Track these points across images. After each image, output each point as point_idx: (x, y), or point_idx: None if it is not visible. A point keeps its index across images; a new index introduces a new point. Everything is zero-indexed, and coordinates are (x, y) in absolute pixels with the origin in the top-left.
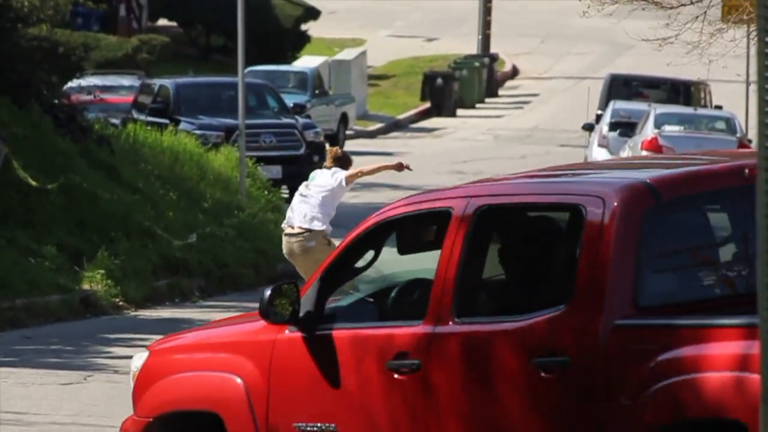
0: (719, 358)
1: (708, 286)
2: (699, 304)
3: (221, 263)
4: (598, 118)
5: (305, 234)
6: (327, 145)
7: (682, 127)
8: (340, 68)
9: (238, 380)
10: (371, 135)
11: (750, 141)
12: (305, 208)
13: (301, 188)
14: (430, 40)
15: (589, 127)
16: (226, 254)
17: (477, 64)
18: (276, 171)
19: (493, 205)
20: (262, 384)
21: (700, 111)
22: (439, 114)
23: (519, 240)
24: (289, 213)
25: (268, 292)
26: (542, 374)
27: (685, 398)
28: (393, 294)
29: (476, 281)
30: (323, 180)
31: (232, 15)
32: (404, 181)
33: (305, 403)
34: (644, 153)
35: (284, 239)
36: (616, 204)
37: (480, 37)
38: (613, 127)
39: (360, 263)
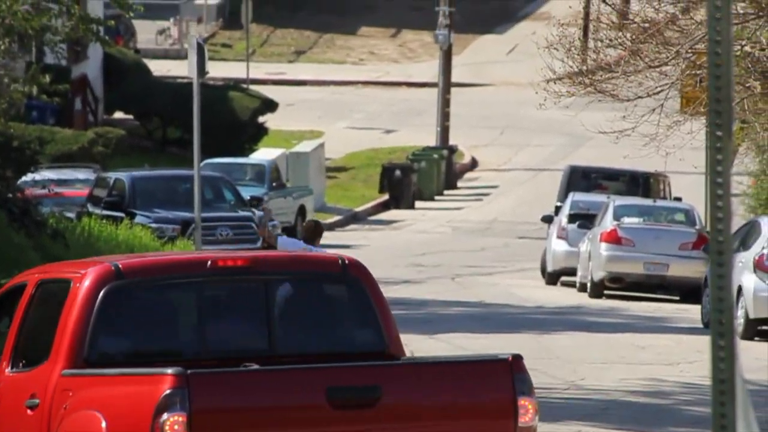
0: (101, 399)
1: (158, 348)
2: (143, 361)
3: None
4: (558, 209)
5: None
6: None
7: (642, 219)
8: (297, 160)
9: None
10: (329, 227)
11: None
12: None
13: None
14: (388, 132)
15: (548, 219)
16: None
17: (436, 155)
18: None
19: (44, 279)
20: None
21: (660, 203)
22: (397, 206)
23: (48, 307)
24: None
25: None
26: (29, 412)
27: None
28: None
29: (28, 339)
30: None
31: (188, 107)
32: None
33: None
34: (603, 245)
35: None
36: (86, 280)
37: (439, 128)
38: (572, 219)
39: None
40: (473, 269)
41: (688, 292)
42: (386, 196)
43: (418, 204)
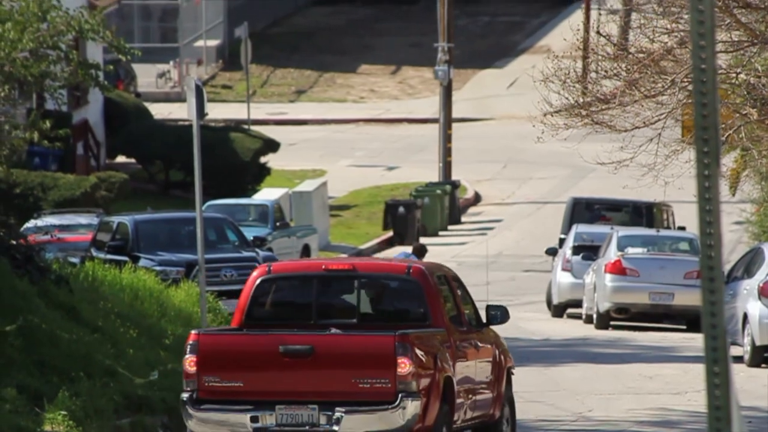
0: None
1: (295, 317)
2: (289, 321)
3: None
4: (562, 242)
5: None
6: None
7: (646, 249)
8: (301, 200)
9: None
10: None
11: None
12: None
13: None
14: (390, 168)
15: (552, 252)
16: None
17: (439, 191)
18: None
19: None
20: None
21: (663, 232)
22: (401, 243)
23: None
24: None
25: None
26: None
27: None
28: None
29: None
30: None
31: (189, 150)
32: None
33: None
34: (608, 276)
35: None
36: (255, 273)
37: (441, 164)
38: (576, 250)
39: None
40: (479, 303)
41: (694, 320)
42: (390, 233)
43: (422, 240)
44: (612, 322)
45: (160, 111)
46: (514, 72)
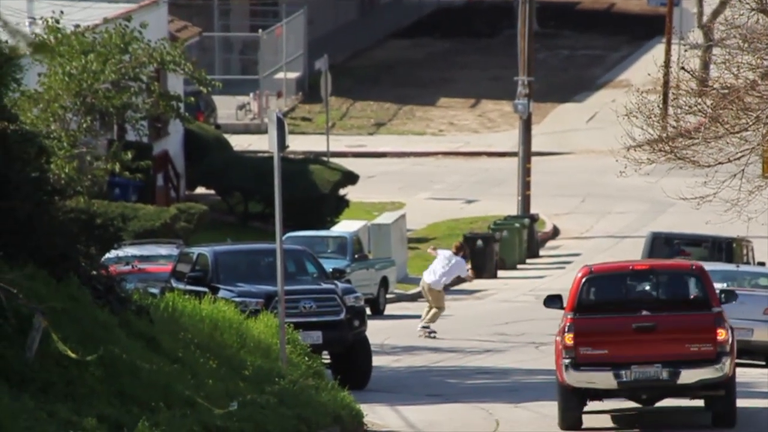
0: None
1: (612, 303)
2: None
3: (263, 431)
4: None
5: (435, 286)
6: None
7: (725, 284)
8: (379, 232)
9: None
10: (412, 298)
11: None
12: (440, 272)
13: (443, 260)
14: (469, 201)
15: None
16: (267, 422)
17: (517, 225)
18: (316, 336)
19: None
20: None
21: (743, 268)
22: (480, 276)
23: None
24: (431, 269)
25: None
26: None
27: None
28: None
29: None
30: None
31: (269, 182)
32: (444, 344)
33: None
34: None
35: (423, 283)
36: (580, 274)
37: (520, 197)
38: None
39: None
40: None
41: None
42: (468, 266)
43: (500, 273)
44: None
45: (239, 143)
46: (594, 106)
